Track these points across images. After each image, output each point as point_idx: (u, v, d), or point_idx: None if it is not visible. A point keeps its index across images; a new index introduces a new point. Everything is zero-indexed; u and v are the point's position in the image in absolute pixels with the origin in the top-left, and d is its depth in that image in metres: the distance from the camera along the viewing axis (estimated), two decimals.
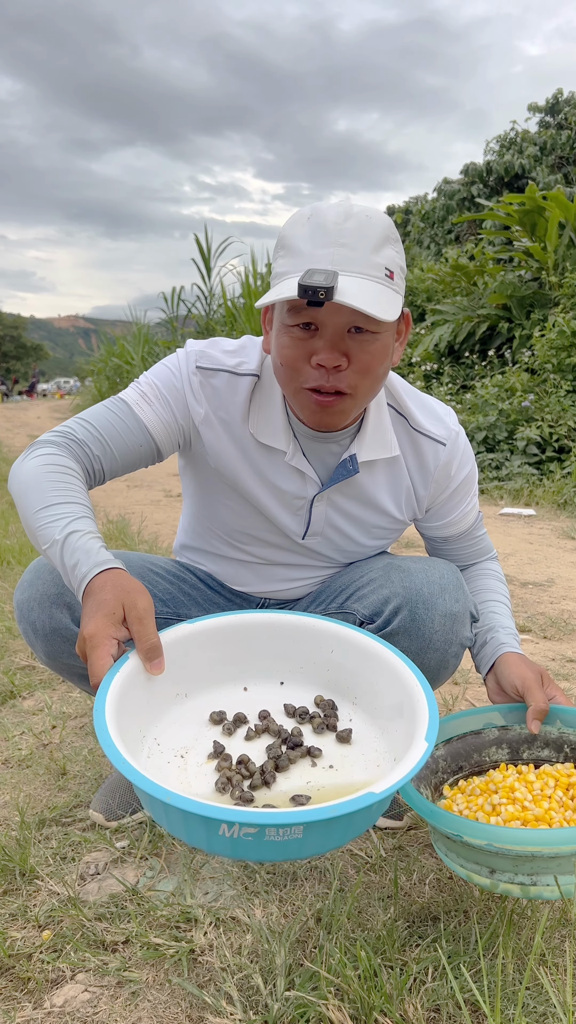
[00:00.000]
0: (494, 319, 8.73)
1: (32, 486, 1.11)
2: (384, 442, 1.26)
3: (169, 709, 1.05)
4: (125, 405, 1.24)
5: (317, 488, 1.27)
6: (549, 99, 19.39)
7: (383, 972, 0.99)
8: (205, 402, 1.24)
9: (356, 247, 1.03)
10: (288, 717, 1.06)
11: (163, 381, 1.25)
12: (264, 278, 12.30)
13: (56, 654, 1.30)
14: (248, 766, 0.95)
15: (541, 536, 4.46)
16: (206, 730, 1.03)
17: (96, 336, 25.86)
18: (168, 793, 0.76)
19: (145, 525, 4.45)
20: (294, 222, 1.08)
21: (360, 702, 1.07)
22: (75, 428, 1.22)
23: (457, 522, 1.39)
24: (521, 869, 0.97)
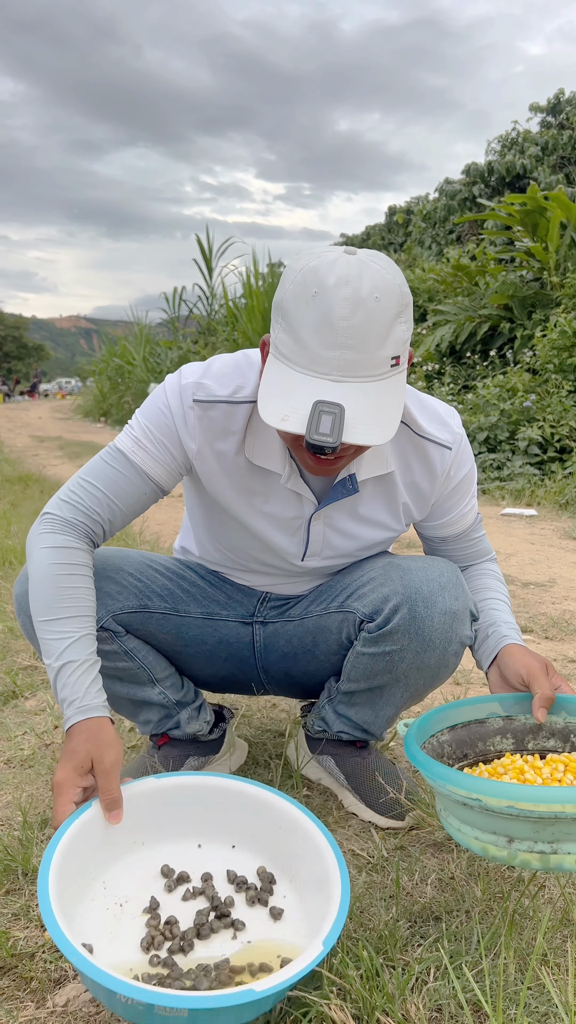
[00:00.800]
0: (495, 319, 8.73)
1: (41, 587, 1.17)
2: (381, 459, 1.26)
3: (126, 855, 1.11)
4: (122, 456, 1.24)
5: (313, 508, 1.27)
6: (551, 99, 19.40)
7: (385, 972, 0.99)
8: (200, 435, 1.22)
9: (363, 348, 0.99)
10: (228, 883, 1.11)
11: (155, 423, 1.23)
12: (266, 279, 12.30)
13: None
14: (173, 928, 1.00)
15: (543, 536, 4.46)
16: (151, 882, 1.09)
17: (98, 336, 25.84)
18: (76, 954, 0.82)
19: (147, 525, 4.45)
20: (296, 296, 1.00)
21: (296, 881, 1.11)
22: (82, 495, 1.24)
23: (455, 522, 1.39)
24: (542, 835, 0.95)
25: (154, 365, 15.88)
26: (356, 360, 0.99)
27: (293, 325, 1.00)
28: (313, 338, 0.98)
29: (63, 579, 1.18)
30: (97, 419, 18.21)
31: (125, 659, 1.35)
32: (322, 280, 0.98)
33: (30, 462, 8.36)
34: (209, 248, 14.96)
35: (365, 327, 0.98)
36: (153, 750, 1.50)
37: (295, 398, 0.99)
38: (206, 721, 1.50)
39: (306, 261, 1.01)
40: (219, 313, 14.96)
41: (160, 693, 1.42)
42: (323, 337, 0.98)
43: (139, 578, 1.37)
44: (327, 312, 0.97)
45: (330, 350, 0.98)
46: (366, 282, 0.98)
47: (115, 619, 1.32)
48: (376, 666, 1.28)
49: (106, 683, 1.38)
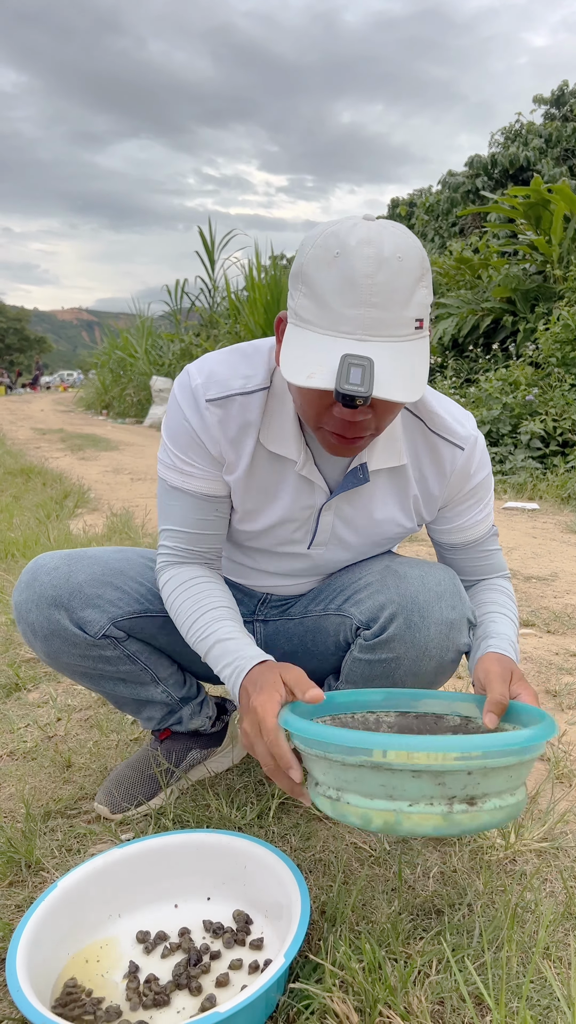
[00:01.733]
0: (498, 313, 8.71)
1: (181, 626, 1.26)
2: (394, 450, 1.24)
3: (102, 930, 1.12)
4: (176, 490, 1.26)
5: (325, 497, 1.26)
6: (555, 91, 19.31)
7: (387, 965, 1.00)
8: (221, 435, 1.21)
9: (388, 306, 0.96)
10: (205, 932, 1.12)
11: (183, 444, 1.22)
12: (268, 271, 12.26)
13: (56, 654, 1.31)
14: (152, 986, 1.01)
15: (544, 530, 4.46)
16: (130, 950, 1.09)
17: (99, 329, 25.78)
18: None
19: (149, 518, 4.45)
20: (318, 259, 0.98)
21: (269, 914, 1.13)
22: (171, 545, 1.30)
23: (466, 529, 1.34)
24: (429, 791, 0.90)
25: (156, 358, 15.86)
26: (380, 318, 0.97)
27: (315, 289, 0.98)
28: (336, 298, 0.96)
29: (182, 598, 1.25)
30: (99, 411, 18.20)
31: (128, 663, 1.35)
32: (344, 241, 0.96)
33: (32, 454, 8.36)
34: (211, 240, 14.92)
35: (389, 285, 0.96)
36: (155, 744, 1.50)
37: (319, 356, 0.96)
38: (208, 716, 1.50)
39: (325, 227, 1.00)
40: (221, 306, 14.93)
41: (163, 692, 1.42)
42: (347, 296, 0.96)
43: (140, 581, 1.36)
44: (350, 271, 0.95)
45: (354, 308, 0.96)
46: (388, 243, 0.97)
47: (116, 625, 1.31)
48: (373, 672, 1.27)
49: (109, 685, 1.38)
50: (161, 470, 1.28)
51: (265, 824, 1.38)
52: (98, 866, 1.13)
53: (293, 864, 1.10)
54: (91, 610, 1.29)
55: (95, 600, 1.29)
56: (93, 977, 1.03)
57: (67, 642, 1.29)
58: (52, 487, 5.63)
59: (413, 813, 0.91)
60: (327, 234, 0.98)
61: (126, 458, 8.30)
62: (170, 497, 1.28)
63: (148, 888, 1.17)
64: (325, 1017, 0.94)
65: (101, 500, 5.28)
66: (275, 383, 1.21)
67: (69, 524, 4.23)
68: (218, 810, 1.41)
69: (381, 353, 0.96)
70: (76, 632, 1.28)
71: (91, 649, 1.30)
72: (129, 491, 5.82)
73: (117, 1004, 0.97)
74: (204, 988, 1.01)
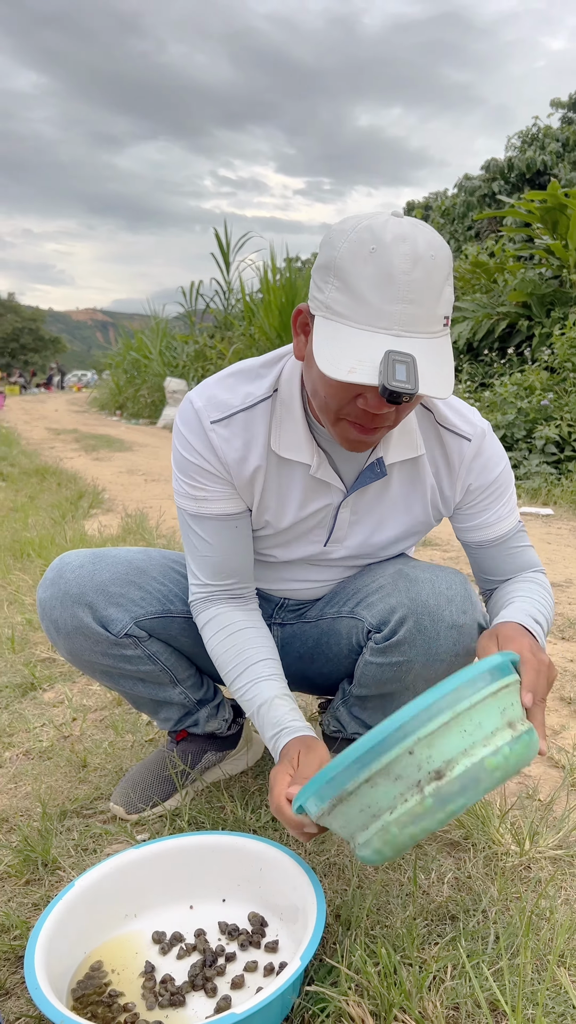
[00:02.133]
0: (514, 317, 8.68)
1: (217, 662, 1.30)
2: (411, 442, 1.24)
3: (118, 930, 1.13)
4: (197, 518, 1.27)
5: (342, 495, 1.26)
6: (572, 95, 19.24)
7: (403, 969, 1.00)
8: (228, 454, 1.21)
9: (422, 302, 0.97)
10: (221, 934, 1.12)
11: (193, 471, 1.23)
12: (283, 274, 12.28)
13: (78, 651, 1.32)
14: (168, 986, 1.01)
15: (559, 536, 4.44)
16: (146, 950, 1.10)
17: (114, 329, 25.86)
18: (62, 1017, 0.86)
19: (163, 519, 4.47)
20: (353, 253, 0.97)
21: (284, 916, 1.13)
22: (200, 575, 1.31)
23: (489, 525, 1.33)
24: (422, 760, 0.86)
25: (170, 359, 15.91)
26: (417, 315, 0.97)
27: (350, 282, 0.97)
28: (374, 293, 0.96)
29: (224, 646, 1.28)
30: (113, 412, 18.27)
31: (148, 663, 1.36)
32: (379, 236, 0.96)
33: (47, 454, 8.41)
34: (227, 242, 14.95)
35: (424, 282, 0.96)
36: (171, 745, 1.51)
37: (359, 351, 0.96)
38: (224, 720, 1.51)
39: (357, 221, 1.00)
40: (236, 308, 14.96)
41: (181, 693, 1.43)
42: (385, 291, 0.96)
43: (162, 582, 1.37)
44: (387, 267, 0.95)
45: (392, 304, 0.96)
46: (421, 240, 0.97)
47: (138, 625, 1.32)
48: (385, 675, 1.28)
49: (128, 684, 1.39)
50: (179, 500, 1.29)
51: (280, 827, 1.39)
52: (115, 866, 1.14)
53: (308, 867, 1.10)
54: (114, 609, 1.30)
55: (119, 599, 1.30)
56: (109, 975, 1.04)
57: (89, 640, 1.30)
58: (67, 487, 5.66)
59: (399, 816, 0.87)
60: (360, 228, 0.98)
61: (140, 459, 8.33)
62: (192, 525, 1.29)
63: (164, 889, 1.17)
64: (340, 1020, 0.95)
65: (115, 501, 5.30)
66: (281, 390, 1.21)
67: (84, 525, 4.25)
68: (233, 812, 1.41)
69: (418, 349, 0.97)
70: (99, 630, 1.29)
71: (113, 648, 1.31)
72: (143, 492, 5.84)
73: (133, 1003, 0.98)
74: (219, 989, 1.01)
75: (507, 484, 1.32)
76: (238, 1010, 0.86)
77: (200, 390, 1.23)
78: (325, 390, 1.06)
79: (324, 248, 1.03)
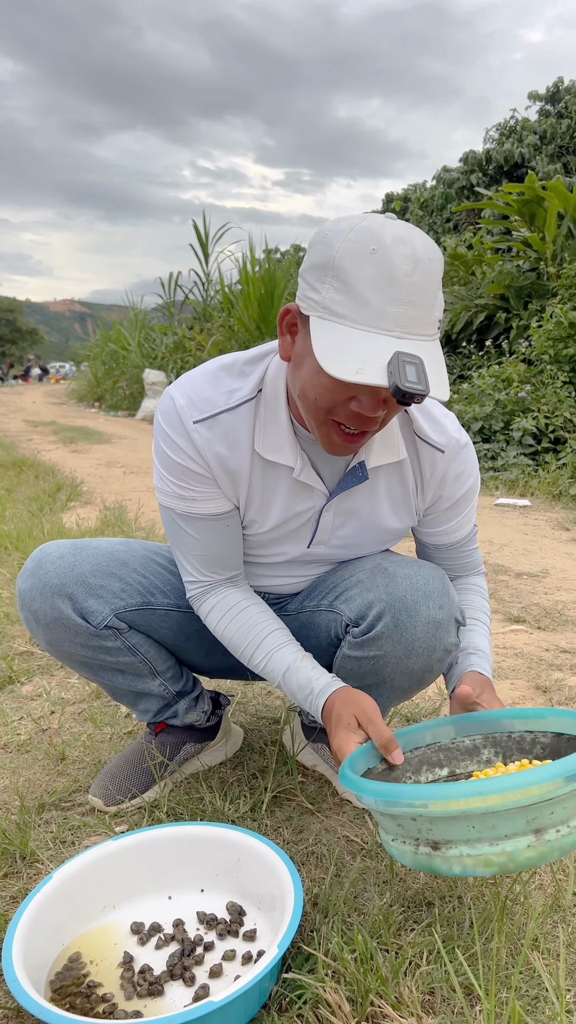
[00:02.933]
0: (492, 309, 8.72)
1: (229, 644, 1.32)
2: (392, 446, 1.25)
3: (96, 921, 1.13)
4: (185, 517, 1.26)
5: (325, 499, 1.26)
6: (550, 87, 19.30)
7: (379, 955, 1.01)
8: (210, 454, 1.20)
9: (422, 305, 0.98)
10: (199, 924, 1.13)
11: (178, 472, 1.22)
12: (262, 265, 12.24)
13: (57, 642, 1.32)
14: (146, 975, 1.02)
15: (536, 527, 4.48)
16: (124, 940, 1.10)
17: (92, 321, 25.70)
18: (40, 1008, 0.87)
19: (142, 512, 4.45)
20: (353, 253, 0.96)
21: (262, 905, 1.14)
22: (194, 572, 1.32)
23: (452, 532, 1.37)
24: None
25: (149, 350, 15.82)
26: (417, 317, 0.98)
27: (350, 282, 0.96)
28: (376, 295, 0.96)
29: (233, 628, 1.30)
30: (91, 404, 18.14)
31: (128, 654, 1.36)
32: (379, 238, 0.96)
33: (24, 447, 8.34)
34: (205, 233, 14.87)
35: (424, 285, 0.97)
36: (150, 736, 1.51)
37: (364, 352, 0.96)
38: (203, 711, 1.51)
39: (353, 222, 0.99)
40: (215, 299, 14.90)
41: (160, 685, 1.43)
42: (387, 293, 0.96)
43: (143, 574, 1.37)
44: (389, 268, 0.95)
45: (394, 306, 0.96)
46: (418, 243, 0.98)
47: (118, 616, 1.32)
48: (362, 668, 1.28)
49: (108, 676, 1.39)
50: (162, 499, 1.27)
51: (258, 817, 1.39)
52: (93, 858, 1.14)
53: (286, 856, 1.11)
54: (95, 600, 1.30)
55: (99, 591, 1.30)
56: (88, 966, 1.04)
57: (69, 631, 1.30)
58: (45, 480, 5.62)
59: (400, 847, 0.98)
60: (359, 229, 0.97)
61: (119, 451, 8.29)
62: (181, 524, 1.27)
63: (142, 880, 1.18)
64: (318, 1007, 0.96)
65: (94, 493, 5.28)
66: (266, 390, 1.20)
67: (62, 517, 4.23)
68: (212, 803, 1.42)
69: (420, 351, 0.97)
70: (79, 622, 1.29)
71: (93, 639, 1.31)
72: (122, 484, 5.81)
73: (111, 993, 0.99)
74: (198, 978, 1.02)
75: (473, 496, 1.36)
76: (216, 998, 0.87)
77: (182, 386, 1.21)
78: (318, 391, 1.05)
79: (318, 248, 1.01)
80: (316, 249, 1.01)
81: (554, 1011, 0.95)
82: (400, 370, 0.93)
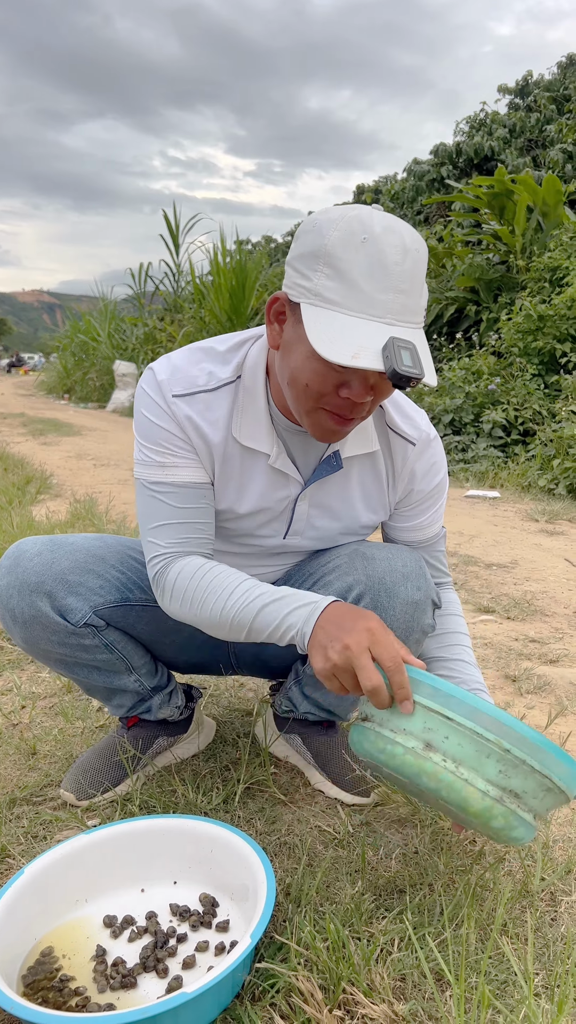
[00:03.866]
0: (462, 302, 8.77)
1: (200, 612, 1.21)
2: (366, 437, 1.26)
3: (68, 916, 1.12)
4: (162, 486, 1.23)
5: (300, 487, 1.27)
6: (519, 81, 19.41)
7: (351, 943, 1.02)
8: (190, 426, 1.20)
9: (412, 292, 1.00)
10: (172, 916, 1.13)
11: (159, 437, 1.21)
12: (233, 256, 12.19)
13: (34, 640, 1.31)
14: (119, 968, 1.02)
15: (505, 518, 4.53)
16: (97, 934, 1.10)
17: (61, 311, 25.39)
18: (10, 1002, 0.87)
19: (113, 505, 4.43)
20: (344, 242, 0.98)
21: (235, 896, 1.14)
22: (164, 544, 1.24)
23: (422, 528, 1.39)
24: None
25: (119, 341, 15.70)
26: (407, 305, 1.00)
27: (343, 269, 0.98)
28: (367, 282, 0.98)
29: (203, 584, 1.20)
30: (61, 396, 17.97)
31: (105, 651, 1.35)
32: (369, 227, 0.98)
33: None
34: (176, 224, 14.78)
35: (413, 273, 1.00)
36: (122, 730, 1.51)
37: (358, 338, 0.98)
38: (177, 706, 1.51)
39: (344, 211, 1.01)
40: (186, 290, 14.82)
41: (136, 680, 1.42)
42: (378, 281, 0.98)
43: (121, 570, 1.36)
44: (380, 256, 0.98)
45: (385, 293, 0.98)
46: (407, 233, 1.00)
47: (96, 614, 1.31)
48: None
49: (83, 672, 1.38)
50: (139, 471, 1.25)
51: (231, 809, 1.40)
52: (65, 852, 1.14)
53: (259, 847, 1.12)
54: (73, 598, 1.29)
55: (77, 588, 1.29)
56: (60, 960, 1.04)
57: (47, 629, 1.29)
58: (13, 472, 5.56)
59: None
60: (349, 218, 1.00)
61: (89, 443, 8.22)
62: (153, 495, 1.24)
63: (115, 873, 1.18)
64: (290, 995, 0.96)
65: (64, 486, 5.23)
66: (245, 377, 1.21)
67: (32, 511, 4.19)
68: (184, 795, 1.42)
69: (411, 337, 1.00)
70: (58, 620, 1.28)
71: (70, 637, 1.30)
72: (92, 477, 5.77)
73: (84, 987, 0.99)
74: (171, 970, 1.02)
75: (443, 490, 1.38)
76: (189, 989, 0.87)
77: (163, 363, 1.22)
78: (309, 376, 1.06)
79: (307, 236, 1.03)
80: (306, 238, 1.03)
81: (523, 995, 0.97)
82: (396, 354, 0.95)
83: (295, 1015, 0.94)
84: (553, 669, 2.19)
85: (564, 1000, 0.92)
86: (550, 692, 2.02)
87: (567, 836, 1.37)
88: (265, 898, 1.01)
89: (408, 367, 0.95)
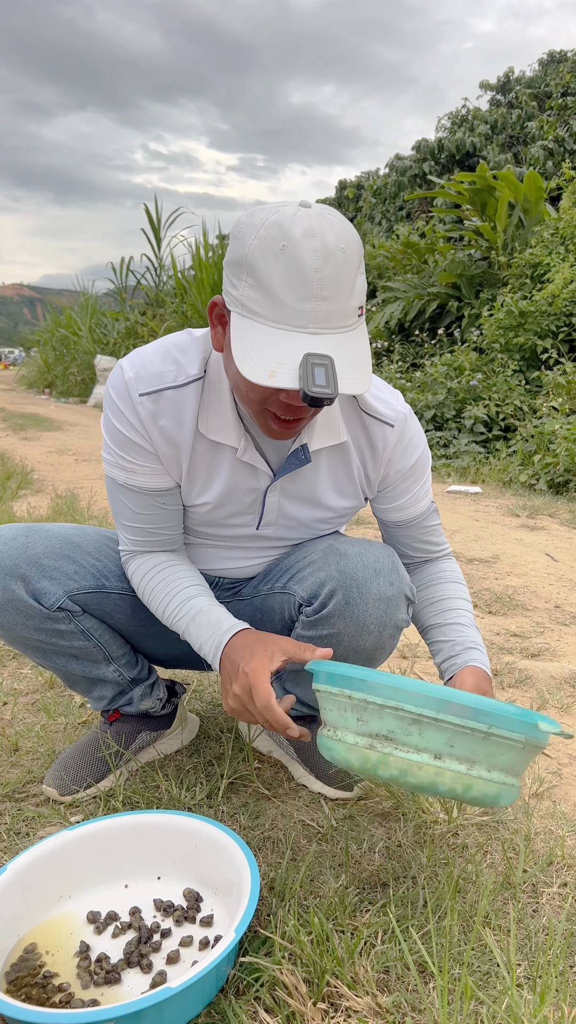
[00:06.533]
0: (444, 298, 8.80)
1: (154, 608, 1.32)
2: (333, 428, 1.26)
3: (51, 912, 1.12)
4: (124, 488, 1.28)
5: (269, 480, 1.27)
6: (500, 77, 19.47)
7: (335, 937, 1.03)
8: (154, 428, 1.21)
9: (336, 298, 0.98)
10: (156, 911, 1.13)
11: (123, 443, 1.23)
12: (215, 251, 12.15)
13: (9, 626, 1.30)
14: (103, 964, 1.02)
15: (487, 513, 4.56)
16: (80, 929, 1.10)
17: (42, 306, 25.26)
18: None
19: (94, 500, 4.40)
20: (263, 251, 0.97)
21: (219, 891, 1.15)
22: (130, 541, 1.34)
23: (408, 507, 1.39)
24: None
25: (100, 336, 15.60)
26: (331, 311, 0.98)
27: (263, 280, 0.97)
28: (287, 292, 0.96)
29: (154, 583, 1.31)
30: (41, 390, 17.84)
31: (82, 638, 1.35)
32: (288, 233, 0.96)
33: None
34: (158, 218, 14.70)
35: (336, 277, 0.97)
36: (105, 725, 1.50)
37: (278, 353, 0.97)
38: (159, 699, 1.51)
39: (265, 215, 0.99)
40: (167, 285, 14.75)
41: (115, 671, 1.42)
42: (297, 290, 0.96)
43: (98, 557, 1.36)
44: (299, 264, 0.95)
45: (306, 302, 0.97)
46: (330, 233, 0.97)
47: (72, 599, 1.31)
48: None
49: (62, 661, 1.37)
50: (107, 468, 1.29)
51: (215, 804, 1.40)
52: (48, 848, 1.13)
53: (243, 842, 1.12)
54: (47, 582, 1.28)
55: (52, 572, 1.29)
56: (43, 957, 1.04)
57: (22, 613, 1.28)
58: None
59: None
60: (269, 224, 0.98)
61: (70, 438, 8.17)
62: (119, 494, 1.30)
63: (98, 869, 1.17)
64: (275, 989, 0.97)
65: (45, 482, 5.20)
66: (210, 372, 1.21)
67: (12, 506, 4.16)
68: (168, 791, 1.42)
69: (335, 346, 0.98)
70: (32, 603, 1.27)
71: (46, 622, 1.30)
72: (73, 472, 5.74)
73: (68, 983, 0.98)
74: (155, 965, 1.02)
75: (425, 466, 1.38)
76: (173, 984, 0.87)
77: (132, 359, 1.22)
78: (246, 385, 1.07)
79: (234, 242, 1.02)
80: (233, 244, 1.03)
81: (505, 985, 0.98)
82: (308, 374, 0.94)
83: (279, 1008, 0.95)
84: (534, 663, 2.20)
85: (546, 990, 0.93)
86: (531, 686, 2.04)
87: (548, 828, 1.38)
88: (249, 893, 1.01)
89: (319, 387, 0.93)
